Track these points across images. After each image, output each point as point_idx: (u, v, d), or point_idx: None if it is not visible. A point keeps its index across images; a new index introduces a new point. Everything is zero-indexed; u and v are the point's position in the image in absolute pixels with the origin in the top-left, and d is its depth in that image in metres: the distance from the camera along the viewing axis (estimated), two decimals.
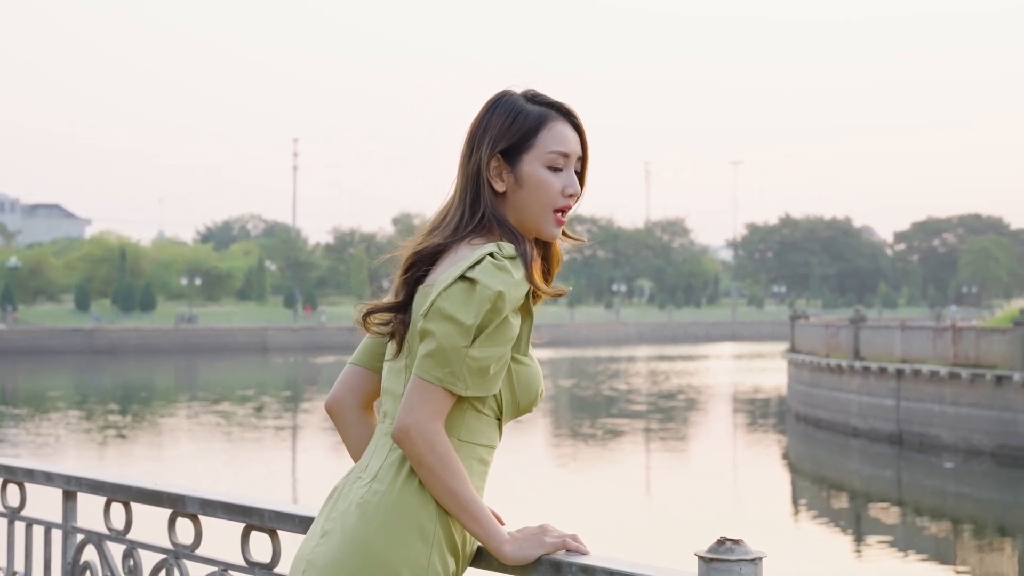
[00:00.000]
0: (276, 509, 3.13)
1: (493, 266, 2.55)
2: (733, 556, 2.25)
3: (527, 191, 2.69)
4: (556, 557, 2.56)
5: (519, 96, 2.75)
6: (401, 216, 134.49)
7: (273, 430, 34.95)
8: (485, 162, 2.69)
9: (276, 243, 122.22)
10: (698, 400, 45.68)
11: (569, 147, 2.71)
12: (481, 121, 2.74)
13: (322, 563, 2.58)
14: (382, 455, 2.66)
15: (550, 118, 2.72)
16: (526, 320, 2.66)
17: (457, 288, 2.55)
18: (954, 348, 30.26)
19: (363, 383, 2.87)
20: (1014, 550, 20.14)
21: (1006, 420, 28.32)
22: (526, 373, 2.67)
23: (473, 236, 2.67)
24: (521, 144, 2.69)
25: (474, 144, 2.72)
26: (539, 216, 2.70)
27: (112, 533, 3.70)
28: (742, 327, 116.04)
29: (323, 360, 74.82)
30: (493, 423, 2.68)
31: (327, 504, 2.71)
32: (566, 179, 2.71)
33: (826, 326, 38.29)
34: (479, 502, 2.59)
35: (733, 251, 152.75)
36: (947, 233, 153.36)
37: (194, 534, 3.49)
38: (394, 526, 2.56)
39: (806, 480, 27.92)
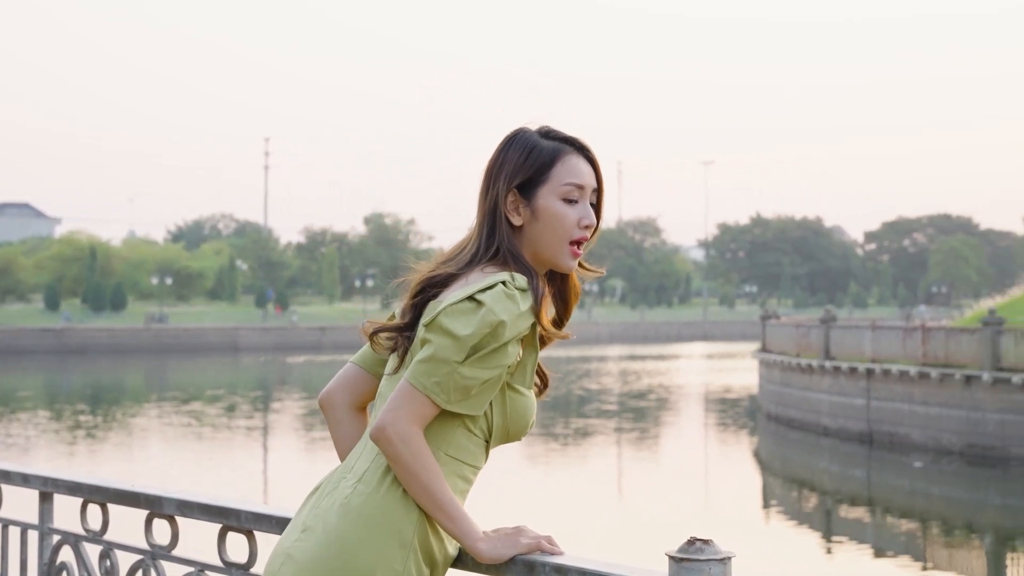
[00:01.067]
0: (253, 510, 3.17)
1: (503, 293, 2.62)
2: (703, 556, 2.30)
3: (543, 223, 2.76)
4: (530, 557, 2.62)
5: (534, 132, 2.83)
6: (373, 216, 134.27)
7: (244, 430, 34.89)
8: (502, 197, 2.77)
9: (247, 242, 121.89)
10: (669, 400, 45.80)
11: (584, 179, 2.79)
12: (497, 158, 2.82)
13: (301, 558, 2.63)
14: (369, 458, 2.71)
15: (564, 152, 2.80)
16: (531, 354, 2.74)
17: (463, 306, 2.62)
18: (924, 348, 30.45)
19: (359, 383, 2.93)
20: (983, 548, 20.28)
21: (975, 420, 28.51)
22: (521, 403, 2.74)
23: (487, 266, 2.74)
24: (536, 178, 2.77)
25: (491, 180, 2.81)
26: (555, 248, 2.77)
27: (89, 534, 3.72)
28: (713, 327, 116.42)
29: (294, 360, 74.70)
30: (481, 445, 2.75)
31: (309, 499, 2.76)
32: (582, 211, 2.78)
33: (797, 326, 38.46)
34: (455, 501, 2.64)
35: (705, 251, 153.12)
36: (917, 233, 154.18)
37: (171, 535, 3.51)
38: (374, 529, 2.61)
39: (777, 479, 28.04)
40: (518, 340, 2.65)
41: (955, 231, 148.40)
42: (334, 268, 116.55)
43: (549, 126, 2.84)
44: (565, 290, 2.87)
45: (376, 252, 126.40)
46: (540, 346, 2.78)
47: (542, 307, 2.69)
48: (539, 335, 2.74)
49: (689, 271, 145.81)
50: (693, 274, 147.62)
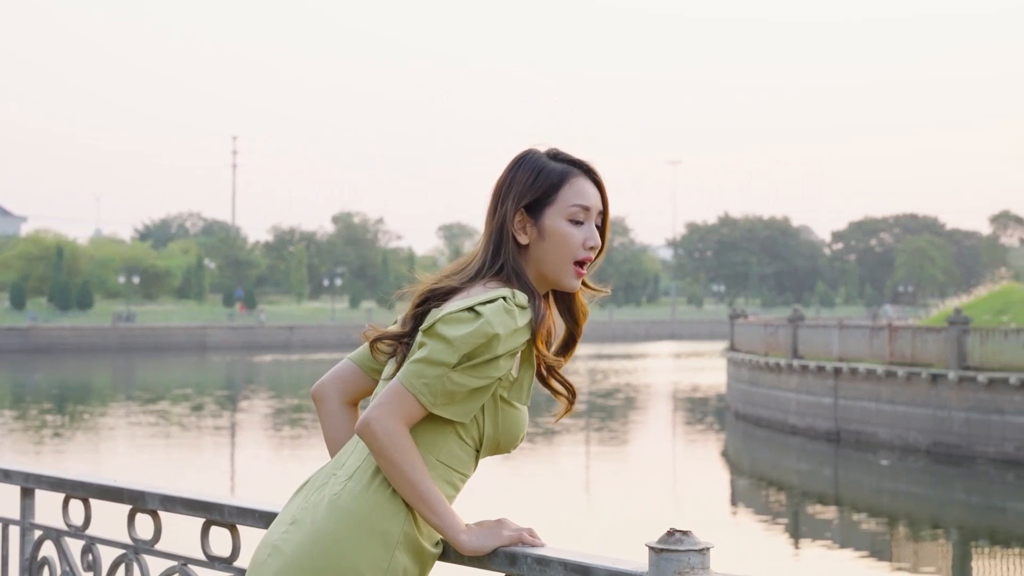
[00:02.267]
0: (237, 505, 3.21)
1: (503, 308, 2.69)
2: (682, 547, 2.36)
3: (549, 243, 2.83)
4: (512, 549, 2.68)
5: (542, 154, 2.90)
6: (341, 215, 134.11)
7: (212, 430, 34.80)
8: (510, 216, 2.84)
9: (215, 241, 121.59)
10: (638, 399, 45.91)
11: (590, 201, 2.86)
12: (506, 178, 2.88)
13: (287, 550, 2.68)
14: (361, 456, 2.77)
15: (572, 174, 2.87)
16: (527, 370, 2.81)
17: (462, 315, 2.68)
18: (890, 347, 30.64)
19: (352, 378, 3.00)
20: (948, 545, 20.42)
21: (941, 418, 28.71)
22: (514, 417, 2.81)
23: (490, 282, 2.81)
24: (544, 199, 2.84)
25: (500, 199, 2.87)
26: (560, 268, 2.84)
27: (71, 529, 3.75)
28: (681, 326, 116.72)
29: (262, 359, 74.52)
30: (472, 454, 2.81)
31: (298, 493, 2.82)
32: (587, 232, 2.85)
33: (765, 325, 38.64)
34: (437, 494, 2.69)
35: (673, 250, 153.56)
36: (884, 233, 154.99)
37: (154, 529, 3.55)
38: (361, 527, 2.67)
39: (745, 477, 28.15)
40: (512, 355, 2.71)
41: (921, 231, 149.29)
42: (302, 267, 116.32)
43: (557, 148, 2.91)
44: (574, 310, 2.94)
45: (344, 251, 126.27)
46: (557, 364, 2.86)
47: (540, 328, 2.76)
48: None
49: (657, 270, 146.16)
50: (661, 273, 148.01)
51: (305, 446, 31.09)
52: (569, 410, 2.95)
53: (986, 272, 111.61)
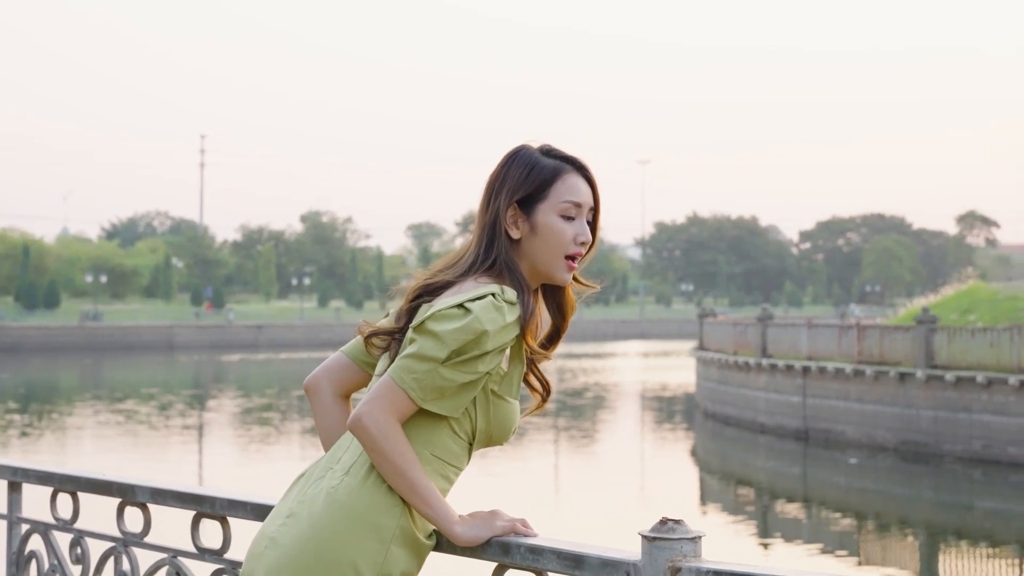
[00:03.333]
0: (229, 497, 3.22)
1: (491, 304, 2.72)
2: (675, 535, 2.39)
3: (541, 238, 2.87)
4: (505, 539, 2.72)
5: (535, 150, 2.93)
6: (310, 214, 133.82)
7: (179, 429, 34.67)
8: (503, 211, 2.87)
9: (183, 240, 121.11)
10: (606, 398, 45.96)
11: (581, 198, 2.90)
12: (500, 173, 2.92)
13: (284, 542, 2.71)
14: (356, 451, 2.80)
15: (564, 171, 2.91)
16: (517, 365, 2.86)
17: (452, 312, 2.72)
18: (859, 346, 30.80)
19: (344, 371, 3.02)
20: (916, 543, 20.54)
21: (908, 416, 28.87)
22: (505, 410, 2.85)
23: (482, 276, 2.84)
24: (536, 194, 2.88)
25: (493, 194, 2.91)
26: (551, 261, 2.87)
27: (59, 523, 3.75)
28: (650, 325, 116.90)
29: (230, 358, 74.27)
30: (465, 447, 2.85)
31: (295, 486, 2.85)
32: (578, 227, 2.89)
33: (734, 324, 38.74)
34: (430, 486, 2.73)
35: (641, 250, 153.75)
36: (851, 232, 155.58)
37: (143, 522, 3.55)
38: (356, 522, 2.70)
39: (714, 476, 28.24)
40: (501, 351, 2.75)
41: (888, 231, 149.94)
42: (271, 266, 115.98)
43: (550, 145, 2.95)
44: (563, 304, 2.98)
45: (313, 250, 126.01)
46: (543, 357, 2.91)
47: (530, 322, 2.80)
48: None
49: (626, 270, 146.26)
50: (630, 273, 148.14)
51: (273, 445, 31.03)
52: (541, 407, 2.99)
53: (952, 272, 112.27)
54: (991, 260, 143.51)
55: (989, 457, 26.93)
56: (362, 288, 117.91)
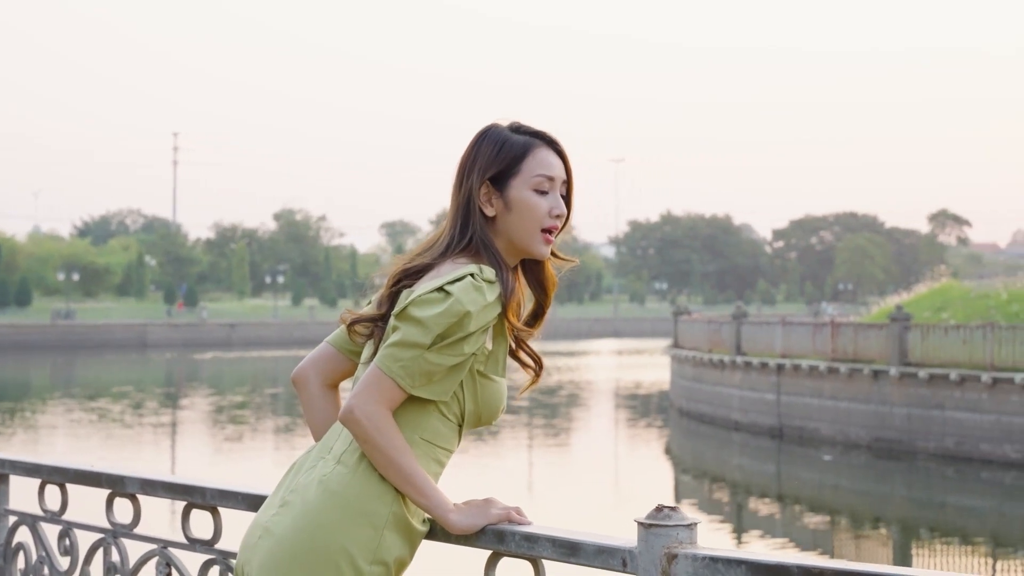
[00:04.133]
0: (220, 487, 3.21)
1: (471, 285, 2.72)
2: (671, 522, 2.41)
3: (516, 213, 2.87)
4: (500, 527, 2.73)
5: (505, 128, 2.94)
6: (283, 212, 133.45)
7: (152, 427, 34.55)
8: (476, 189, 2.88)
9: (156, 238, 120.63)
10: (580, 396, 45.98)
11: (554, 171, 2.90)
12: (471, 152, 2.92)
13: (278, 531, 2.72)
14: (347, 440, 2.81)
15: (534, 146, 2.91)
16: (501, 343, 2.85)
17: (432, 296, 2.72)
18: (833, 344, 30.91)
19: (331, 361, 3.02)
20: (890, 539, 20.63)
21: (882, 414, 28.99)
22: (492, 389, 2.85)
23: (459, 257, 2.84)
24: (508, 170, 2.88)
25: (465, 173, 2.91)
26: (528, 236, 2.87)
27: (47, 514, 3.74)
28: (624, 323, 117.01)
29: (203, 356, 74.03)
30: (455, 429, 2.85)
31: (287, 476, 2.86)
32: (552, 201, 2.89)
33: (709, 322, 38.81)
34: (424, 475, 2.74)
35: (615, 248, 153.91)
36: (824, 231, 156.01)
37: (133, 513, 3.54)
38: (348, 510, 2.71)
39: (688, 473, 28.29)
40: (485, 331, 2.75)
41: (861, 229, 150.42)
42: (244, 264, 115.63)
43: (519, 122, 2.95)
44: (543, 280, 2.98)
45: (287, 248, 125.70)
46: (527, 334, 2.92)
47: (511, 300, 2.80)
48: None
49: (600, 268, 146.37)
50: (604, 271, 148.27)
51: (247, 443, 30.96)
52: (536, 381, 3.00)
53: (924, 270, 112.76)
54: (962, 259, 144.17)
55: (962, 454, 27.06)
56: (336, 286, 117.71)
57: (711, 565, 2.33)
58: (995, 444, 26.50)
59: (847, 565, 2.12)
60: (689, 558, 2.37)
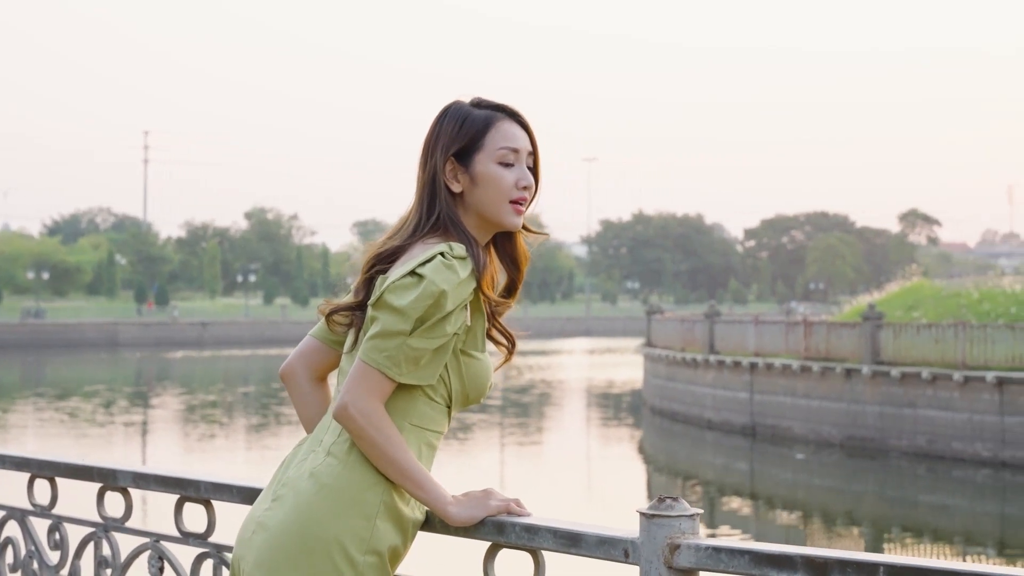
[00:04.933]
0: (214, 480, 3.19)
1: (442, 264, 2.71)
2: (673, 512, 2.40)
3: (482, 188, 2.86)
4: (500, 519, 2.72)
5: (466, 103, 2.93)
6: (254, 211, 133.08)
7: (123, 426, 34.40)
8: (440, 166, 2.87)
9: (126, 237, 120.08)
10: (553, 395, 46.00)
11: (518, 143, 2.90)
12: (433, 130, 2.91)
13: (271, 525, 2.72)
14: (336, 431, 2.80)
15: (497, 119, 2.90)
16: (479, 319, 2.84)
17: (405, 281, 2.71)
18: (806, 342, 31.00)
19: (317, 354, 3.01)
20: (862, 537, 20.70)
21: (855, 412, 29.10)
22: (476, 367, 2.85)
23: (429, 236, 2.83)
24: (472, 145, 2.87)
25: (429, 152, 2.90)
26: (497, 208, 2.86)
27: (36, 508, 3.71)
28: (596, 323, 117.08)
29: (175, 355, 73.77)
30: (443, 411, 2.85)
31: (279, 470, 2.85)
32: (518, 173, 2.88)
33: (682, 321, 38.87)
34: (421, 469, 2.74)
35: (587, 247, 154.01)
36: (795, 230, 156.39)
37: (124, 507, 3.51)
38: (340, 501, 2.71)
39: (661, 472, 28.32)
40: (463, 307, 2.75)
41: (832, 228, 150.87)
42: (215, 263, 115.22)
43: (480, 96, 2.94)
44: (514, 254, 2.97)
45: (258, 247, 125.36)
46: (495, 312, 2.90)
47: (484, 274, 2.79)
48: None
49: (572, 267, 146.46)
50: (576, 270, 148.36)
51: (220, 440, 30.87)
52: (508, 359, 3.00)
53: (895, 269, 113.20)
54: (932, 258, 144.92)
55: (934, 452, 27.19)
56: (308, 285, 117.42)
57: (714, 555, 2.33)
58: (967, 442, 26.63)
59: (850, 555, 2.12)
60: (692, 548, 2.37)
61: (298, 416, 3.05)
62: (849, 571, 2.11)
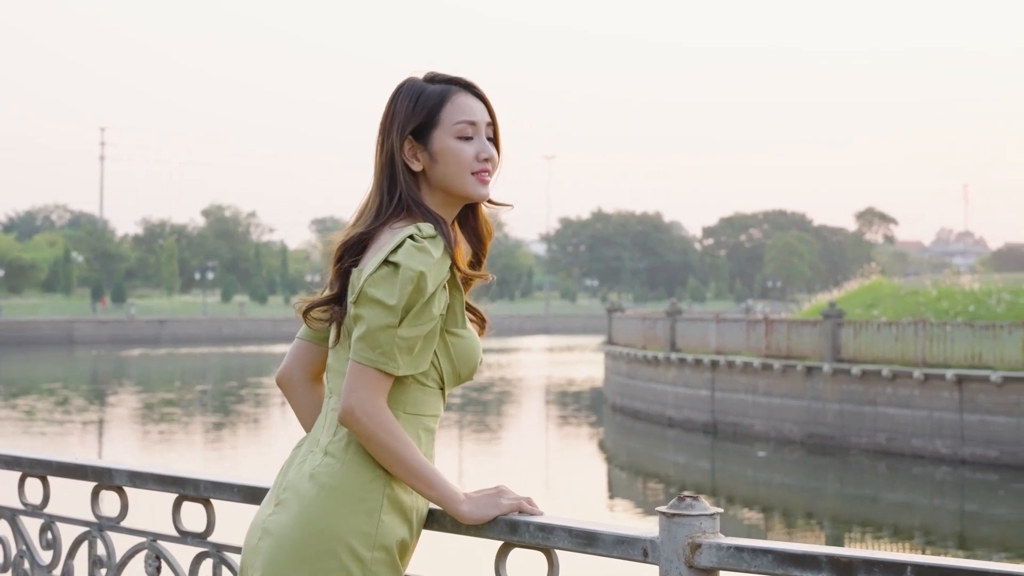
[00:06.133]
0: (214, 479, 3.14)
1: (414, 248, 2.66)
2: (694, 511, 2.38)
3: (442, 164, 2.81)
4: (513, 518, 2.68)
5: (419, 80, 2.87)
6: (212, 208, 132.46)
7: (81, 424, 34.15)
8: (398, 146, 2.81)
9: (82, 234, 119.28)
10: (512, 393, 45.97)
11: (475, 116, 2.84)
12: (388, 110, 2.86)
13: (277, 531, 2.69)
14: (332, 430, 2.77)
15: (451, 92, 2.85)
16: (456, 295, 2.79)
17: (382, 272, 2.66)
18: (767, 340, 31.10)
19: (310, 356, 2.98)
20: (822, 534, 20.78)
21: (815, 410, 29.22)
22: (463, 345, 2.80)
23: (394, 220, 2.77)
24: (428, 122, 2.81)
25: (385, 132, 2.84)
26: (462, 182, 2.81)
27: (27, 508, 3.64)
28: (555, 320, 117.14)
29: (131, 353, 73.32)
30: (437, 393, 2.81)
31: (280, 473, 2.82)
32: (478, 146, 2.83)
33: (643, 319, 38.91)
34: (430, 467, 2.72)
35: (546, 245, 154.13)
36: (753, 229, 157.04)
37: (120, 506, 3.46)
38: (342, 499, 2.68)
39: (622, 470, 28.36)
40: (443, 287, 2.71)
41: (789, 227, 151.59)
42: (173, 260, 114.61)
43: (434, 71, 2.89)
44: (478, 229, 2.93)
45: (216, 245, 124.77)
46: (464, 288, 2.85)
47: (456, 250, 2.75)
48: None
49: (531, 265, 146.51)
50: (535, 268, 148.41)
51: (179, 438, 30.69)
52: (483, 334, 2.94)
53: (852, 267, 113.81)
54: (889, 256, 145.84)
55: (894, 450, 27.35)
56: (266, 283, 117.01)
57: (736, 554, 2.30)
58: (926, 439, 26.80)
59: (876, 555, 2.11)
60: (713, 548, 2.34)
61: (299, 420, 3.01)
62: (875, 571, 2.10)
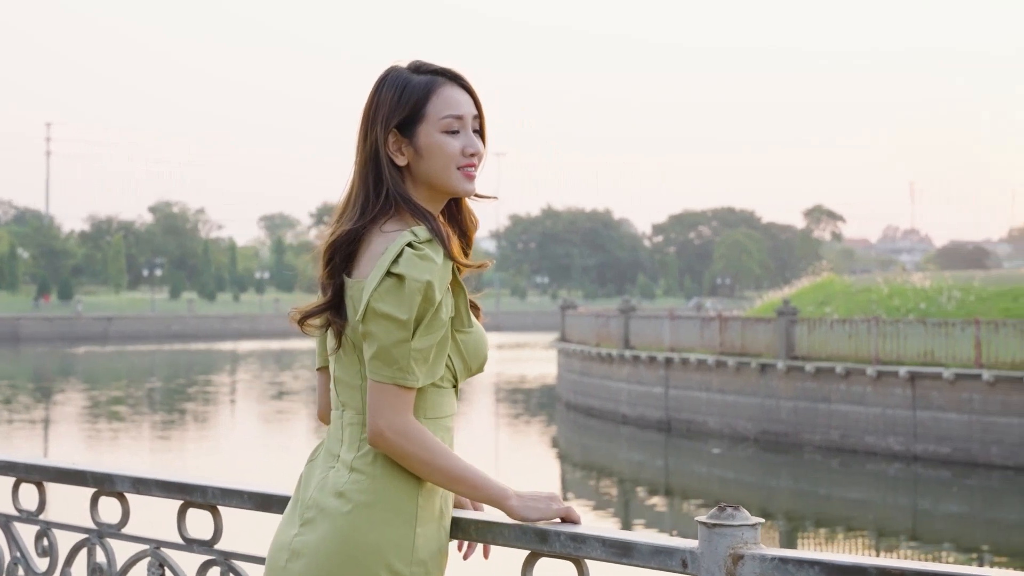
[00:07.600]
0: (222, 486, 3.05)
1: (415, 256, 2.58)
2: (735, 521, 2.31)
3: (428, 159, 2.72)
4: (543, 526, 2.60)
5: (404, 69, 2.78)
6: (159, 204, 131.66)
7: (28, 423, 33.80)
8: (382, 140, 2.72)
9: (28, 231, 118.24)
10: (464, 389, 45.82)
11: (462, 109, 2.75)
12: (372, 101, 2.76)
13: (308, 551, 2.60)
14: (355, 445, 2.68)
15: (437, 84, 2.75)
16: (459, 295, 2.73)
17: (387, 286, 2.58)
18: (721, 337, 31.18)
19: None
20: (776, 531, 20.84)
21: (769, 407, 29.33)
22: (471, 341, 2.75)
23: (382, 219, 2.69)
24: (414, 115, 2.73)
25: (368, 124, 2.75)
26: (447, 178, 2.73)
27: (22, 514, 3.54)
28: (506, 317, 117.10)
29: (78, 351, 72.70)
30: (451, 392, 2.76)
31: (298, 491, 2.74)
32: (464, 140, 2.75)
33: (597, 316, 38.91)
34: (471, 468, 2.65)
35: (496, 242, 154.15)
36: (702, 226, 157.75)
37: (121, 512, 3.36)
38: (377, 514, 2.60)
39: (575, 467, 28.35)
40: (448, 290, 2.66)
41: (738, 224, 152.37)
42: (120, 257, 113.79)
43: (420, 60, 2.80)
44: (463, 221, 2.85)
45: (164, 241, 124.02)
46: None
47: (451, 247, 2.68)
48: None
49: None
50: None
51: (125, 436, 30.46)
52: (480, 320, 2.88)
53: (800, 264, 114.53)
54: (836, 253, 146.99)
55: (847, 446, 27.49)
56: (215, 279, 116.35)
57: (781, 566, 2.23)
58: (879, 436, 26.96)
59: (927, 566, 2.06)
60: (756, 559, 2.28)
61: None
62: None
